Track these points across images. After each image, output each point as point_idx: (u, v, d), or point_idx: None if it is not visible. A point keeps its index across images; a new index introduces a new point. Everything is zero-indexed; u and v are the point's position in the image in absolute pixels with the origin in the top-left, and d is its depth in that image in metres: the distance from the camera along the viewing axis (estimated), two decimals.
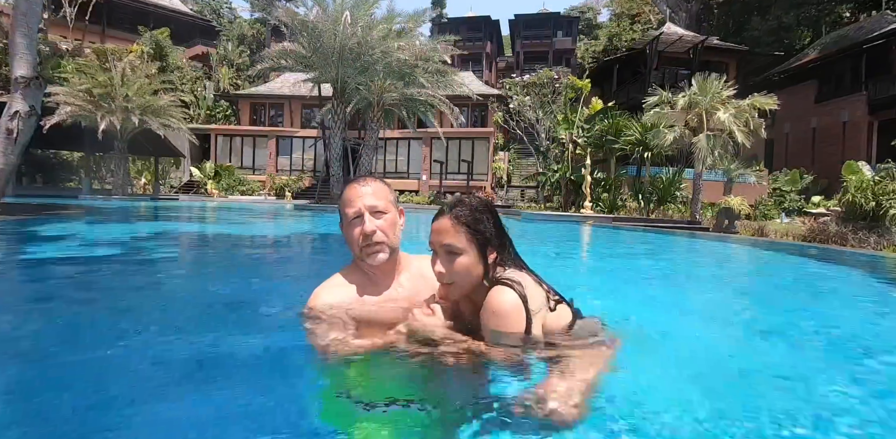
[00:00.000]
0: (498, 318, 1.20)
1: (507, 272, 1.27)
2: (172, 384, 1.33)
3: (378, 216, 1.44)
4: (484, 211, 1.27)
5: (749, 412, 1.22)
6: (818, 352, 1.92)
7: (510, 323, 1.20)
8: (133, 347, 1.67)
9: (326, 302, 1.45)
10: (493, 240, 1.26)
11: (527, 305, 1.20)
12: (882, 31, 18.76)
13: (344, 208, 1.45)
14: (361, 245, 1.43)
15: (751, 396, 1.35)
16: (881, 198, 8.13)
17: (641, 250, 6.77)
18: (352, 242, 1.46)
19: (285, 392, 1.30)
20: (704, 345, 1.90)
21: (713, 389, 1.39)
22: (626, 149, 16.24)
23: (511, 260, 1.31)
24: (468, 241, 1.24)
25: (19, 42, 7.10)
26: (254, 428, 1.07)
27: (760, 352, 1.86)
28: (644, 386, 1.32)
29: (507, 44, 47.83)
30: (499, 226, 1.29)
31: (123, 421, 1.11)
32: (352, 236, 1.44)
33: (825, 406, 1.30)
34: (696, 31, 26.56)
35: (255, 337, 1.77)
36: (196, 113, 28.56)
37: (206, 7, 45.32)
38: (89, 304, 2.42)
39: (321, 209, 15.23)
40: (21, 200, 12.62)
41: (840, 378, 1.55)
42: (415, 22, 18.62)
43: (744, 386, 1.45)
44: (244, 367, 1.46)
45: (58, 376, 1.38)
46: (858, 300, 3.42)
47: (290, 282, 3.30)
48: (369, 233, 1.41)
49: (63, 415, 1.14)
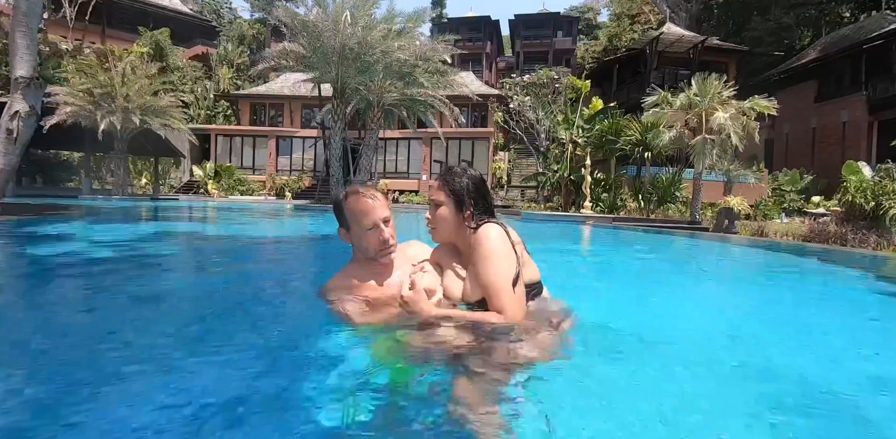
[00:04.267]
0: (488, 242, 1.51)
1: (486, 222, 1.60)
2: (176, 378, 1.33)
3: (387, 224, 1.70)
4: (464, 177, 1.63)
5: (748, 413, 1.22)
6: (813, 353, 1.92)
7: (498, 246, 1.51)
8: (133, 348, 1.67)
9: (339, 285, 1.72)
10: (467, 199, 1.61)
11: (509, 235, 1.56)
12: (882, 31, 18.75)
13: (359, 219, 1.67)
14: (379, 249, 1.69)
15: (749, 396, 1.35)
16: (881, 198, 8.14)
17: (640, 250, 6.77)
18: (369, 247, 1.69)
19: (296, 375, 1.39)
20: (698, 345, 1.90)
21: (712, 388, 1.39)
22: (626, 150, 16.23)
23: (489, 217, 1.63)
24: (447, 197, 1.63)
25: (19, 42, 7.09)
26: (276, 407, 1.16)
27: (757, 354, 1.86)
28: (625, 383, 1.32)
29: (507, 44, 47.82)
30: (480, 192, 1.64)
31: (123, 422, 1.11)
32: (370, 243, 1.69)
33: (822, 406, 1.30)
34: (696, 31, 26.57)
35: (264, 336, 1.77)
36: (196, 113, 28.56)
37: (206, 7, 45.34)
38: (89, 304, 2.42)
39: (321, 209, 15.23)
40: (21, 200, 12.63)
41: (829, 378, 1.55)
42: (415, 22, 18.59)
43: (743, 386, 1.45)
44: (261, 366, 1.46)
45: (57, 376, 1.39)
46: (858, 300, 3.42)
47: (290, 282, 3.30)
48: (389, 241, 1.69)
49: (62, 416, 1.14)
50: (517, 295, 1.48)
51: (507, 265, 1.49)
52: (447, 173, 1.66)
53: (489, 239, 1.51)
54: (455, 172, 1.65)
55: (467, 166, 1.68)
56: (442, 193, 1.64)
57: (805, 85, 21.79)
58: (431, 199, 1.67)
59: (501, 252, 1.50)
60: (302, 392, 1.28)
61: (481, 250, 1.51)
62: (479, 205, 1.62)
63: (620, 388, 1.33)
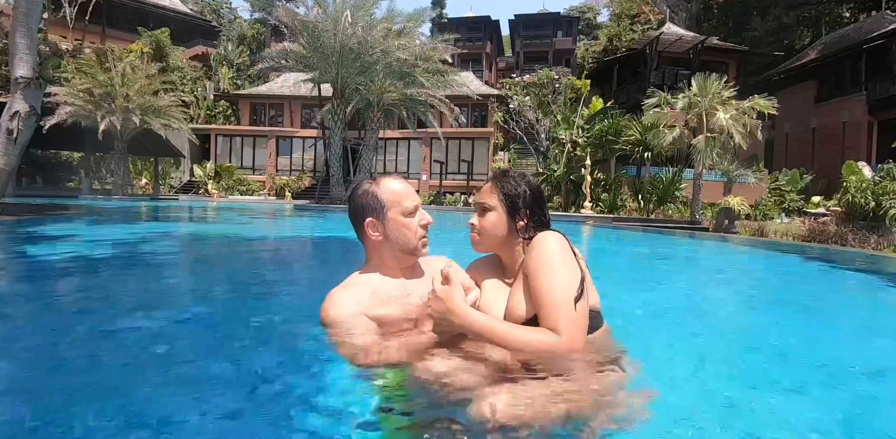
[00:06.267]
0: (546, 246, 1.28)
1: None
2: (171, 393, 1.33)
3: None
4: (521, 183, 1.43)
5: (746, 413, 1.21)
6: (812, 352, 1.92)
7: (558, 252, 1.27)
8: (132, 349, 1.67)
9: (345, 303, 1.37)
10: (522, 209, 1.40)
11: (571, 245, 1.31)
12: (882, 31, 18.74)
13: (399, 200, 1.44)
14: (421, 235, 1.46)
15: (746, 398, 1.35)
16: (881, 198, 8.13)
17: (640, 250, 6.77)
18: (410, 236, 1.45)
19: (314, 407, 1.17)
20: (699, 342, 1.90)
21: (709, 388, 1.39)
22: (626, 150, 16.24)
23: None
24: (499, 202, 1.42)
25: (19, 42, 7.09)
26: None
27: (756, 354, 1.86)
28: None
29: (507, 44, 47.80)
30: (538, 202, 1.43)
31: (123, 423, 1.11)
32: (412, 229, 1.45)
33: (820, 407, 1.30)
34: (696, 31, 26.55)
35: (269, 344, 1.77)
36: (196, 113, 28.55)
37: (206, 7, 45.31)
38: (89, 304, 2.42)
39: (322, 209, 15.23)
40: (21, 200, 12.62)
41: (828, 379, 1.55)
42: (415, 22, 18.60)
43: (741, 387, 1.45)
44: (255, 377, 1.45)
45: (57, 376, 1.39)
46: (856, 300, 3.42)
47: (292, 282, 3.30)
48: (431, 222, 1.49)
49: (62, 416, 1.14)
50: (579, 314, 1.20)
51: (569, 275, 1.23)
52: (501, 176, 1.45)
53: (548, 243, 1.28)
54: (511, 176, 1.45)
55: (525, 173, 1.48)
56: (494, 197, 1.42)
57: (805, 85, 21.79)
58: (479, 202, 1.45)
59: (562, 259, 1.26)
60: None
61: (537, 255, 1.27)
62: (536, 216, 1.41)
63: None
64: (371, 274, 1.47)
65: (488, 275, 1.49)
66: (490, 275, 1.48)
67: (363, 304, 1.37)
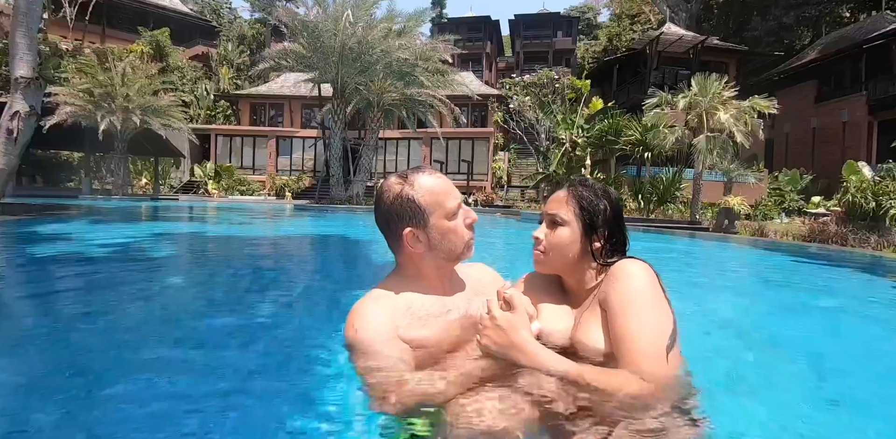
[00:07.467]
0: (634, 280, 1.08)
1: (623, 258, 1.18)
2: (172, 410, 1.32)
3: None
4: (603, 197, 1.21)
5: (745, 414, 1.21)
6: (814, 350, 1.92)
7: (649, 288, 1.07)
8: (133, 350, 1.67)
9: (377, 323, 1.10)
10: (602, 227, 1.19)
11: (659, 279, 1.11)
12: (882, 31, 18.74)
13: (442, 201, 1.17)
14: (468, 237, 1.21)
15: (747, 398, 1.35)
16: (881, 199, 8.12)
17: (640, 250, 6.76)
18: (457, 241, 1.19)
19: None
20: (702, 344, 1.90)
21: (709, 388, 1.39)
22: (626, 150, 16.23)
23: (621, 256, 1.21)
24: (574, 216, 1.20)
25: (19, 42, 7.09)
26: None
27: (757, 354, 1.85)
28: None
29: (507, 44, 47.80)
30: (619, 223, 1.23)
31: (122, 424, 1.11)
32: (458, 232, 1.19)
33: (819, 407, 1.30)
34: (696, 31, 26.55)
35: (276, 354, 1.76)
36: (196, 113, 28.55)
37: (206, 7, 45.26)
38: (89, 304, 2.42)
39: (322, 209, 15.24)
40: (21, 200, 12.61)
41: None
42: (415, 22, 18.60)
43: (741, 387, 1.45)
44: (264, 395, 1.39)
45: (56, 376, 1.38)
46: (857, 299, 3.42)
47: (294, 283, 3.30)
48: (476, 220, 1.24)
49: (60, 417, 1.13)
50: (671, 364, 1.01)
51: (661, 317, 1.05)
52: (580, 185, 1.23)
53: (636, 277, 1.08)
54: (591, 186, 1.23)
55: (606, 186, 1.26)
56: (570, 209, 1.20)
57: (805, 85, 21.79)
58: (550, 214, 1.22)
59: (654, 300, 1.07)
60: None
61: (624, 289, 1.07)
62: (614, 237, 1.21)
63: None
64: (404, 284, 1.20)
65: (546, 298, 1.25)
66: (548, 299, 1.25)
67: (398, 323, 1.11)
